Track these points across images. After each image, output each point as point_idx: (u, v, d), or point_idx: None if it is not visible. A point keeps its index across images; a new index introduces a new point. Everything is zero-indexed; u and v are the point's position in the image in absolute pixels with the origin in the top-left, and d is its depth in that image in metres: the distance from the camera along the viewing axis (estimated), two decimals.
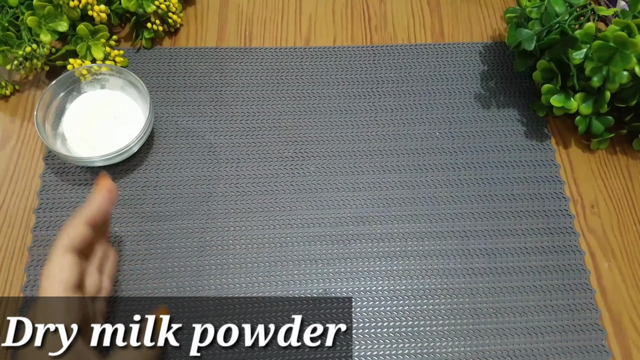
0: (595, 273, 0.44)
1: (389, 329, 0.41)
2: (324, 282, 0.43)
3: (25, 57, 0.47)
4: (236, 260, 0.43)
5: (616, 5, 0.53)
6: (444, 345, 0.40)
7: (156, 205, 0.45)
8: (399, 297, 0.42)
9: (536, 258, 0.44)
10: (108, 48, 0.50)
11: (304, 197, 0.46)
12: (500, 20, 0.57)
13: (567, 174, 0.48)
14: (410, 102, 0.51)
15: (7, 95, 0.50)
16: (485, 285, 0.43)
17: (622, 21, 0.43)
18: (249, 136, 0.49)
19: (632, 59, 0.42)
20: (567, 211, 0.46)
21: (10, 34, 0.47)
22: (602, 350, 0.40)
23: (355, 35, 0.56)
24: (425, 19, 0.57)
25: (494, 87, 0.52)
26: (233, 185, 0.46)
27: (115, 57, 0.50)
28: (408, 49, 0.54)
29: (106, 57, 0.50)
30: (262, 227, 0.45)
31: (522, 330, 0.41)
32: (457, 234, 0.45)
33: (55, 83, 0.46)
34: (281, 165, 0.48)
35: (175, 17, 0.53)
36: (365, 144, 0.49)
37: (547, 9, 0.46)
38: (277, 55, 0.54)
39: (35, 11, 0.47)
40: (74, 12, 0.48)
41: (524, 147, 0.49)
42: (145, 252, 0.43)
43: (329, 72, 0.53)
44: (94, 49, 0.49)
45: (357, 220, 0.45)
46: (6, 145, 0.48)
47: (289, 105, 0.51)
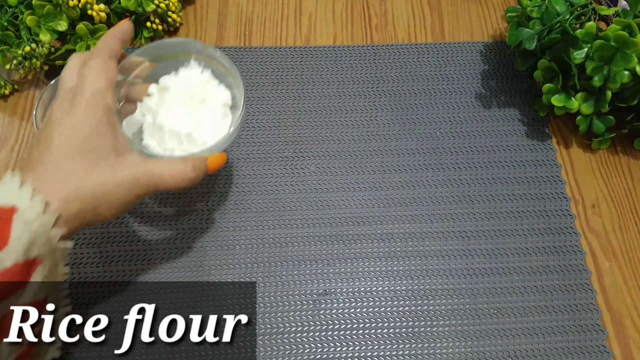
0: (596, 273, 0.44)
1: (389, 330, 0.41)
2: (324, 282, 0.42)
3: (24, 56, 0.47)
4: (236, 260, 0.43)
5: (617, 5, 0.53)
6: (444, 346, 0.40)
7: (155, 206, 0.45)
8: (399, 298, 0.42)
9: (537, 258, 0.44)
10: None
11: (304, 197, 0.46)
12: (501, 19, 0.57)
13: (568, 174, 0.48)
14: (411, 101, 0.51)
15: (6, 95, 0.50)
16: (485, 286, 0.43)
17: (623, 20, 0.43)
18: (249, 136, 0.49)
19: (633, 59, 0.42)
20: (568, 211, 0.46)
21: (9, 33, 0.47)
22: (603, 350, 0.40)
23: (356, 35, 0.55)
24: (425, 19, 0.57)
25: (494, 87, 0.52)
26: (233, 185, 0.46)
27: None
28: (408, 49, 0.54)
29: None
30: (262, 227, 0.45)
31: (522, 330, 0.41)
32: (458, 234, 0.45)
33: (55, 83, 0.46)
34: (281, 165, 0.48)
35: (175, 16, 0.53)
36: (365, 144, 0.49)
37: (548, 8, 0.46)
38: (277, 54, 0.53)
39: (35, 10, 0.47)
40: (73, 12, 0.48)
41: (524, 147, 0.49)
42: (144, 252, 0.43)
43: (329, 71, 0.53)
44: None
45: (357, 220, 0.45)
46: (5, 144, 0.48)
47: (289, 105, 0.51)
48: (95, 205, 0.32)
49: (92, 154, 0.32)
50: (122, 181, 0.32)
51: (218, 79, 0.39)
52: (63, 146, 0.32)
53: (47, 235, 0.30)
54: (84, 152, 0.32)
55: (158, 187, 0.34)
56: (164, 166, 0.34)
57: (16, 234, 0.29)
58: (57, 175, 0.31)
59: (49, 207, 0.30)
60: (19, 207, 0.29)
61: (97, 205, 0.32)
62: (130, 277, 0.42)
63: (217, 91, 0.39)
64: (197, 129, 0.37)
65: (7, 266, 0.28)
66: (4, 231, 0.28)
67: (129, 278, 0.42)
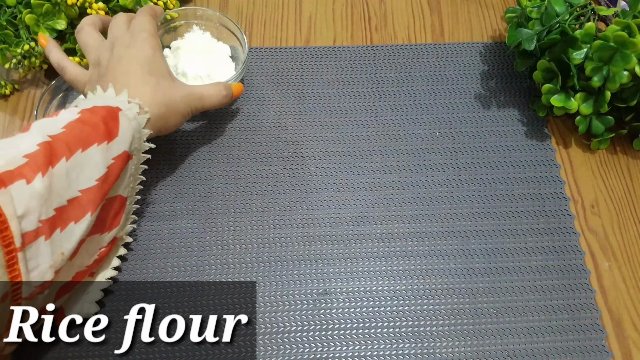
0: (596, 273, 0.44)
1: (389, 329, 0.41)
2: (324, 282, 0.43)
3: (23, 55, 0.47)
4: (236, 260, 0.43)
5: (616, 5, 0.53)
6: (444, 346, 0.40)
7: (155, 205, 0.45)
8: (399, 297, 0.42)
9: (536, 258, 0.44)
10: None
11: (304, 197, 0.46)
12: (501, 20, 0.57)
13: (567, 174, 0.48)
14: (411, 101, 0.51)
15: (6, 95, 0.50)
16: (485, 285, 0.43)
17: (622, 21, 0.43)
18: (249, 136, 0.49)
19: (633, 59, 0.42)
20: (568, 211, 0.46)
21: (8, 33, 0.47)
22: (602, 350, 0.40)
23: (355, 35, 0.56)
24: (425, 19, 0.57)
25: (494, 87, 0.52)
26: (233, 185, 0.46)
27: None
28: (408, 49, 0.54)
29: None
30: (262, 227, 0.45)
31: (522, 330, 0.41)
32: (457, 234, 0.45)
33: (55, 83, 0.46)
34: (281, 165, 0.48)
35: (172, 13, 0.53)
36: (365, 144, 0.49)
37: (548, 8, 0.46)
38: (277, 55, 0.54)
39: (33, 9, 0.47)
40: (72, 10, 0.48)
41: (524, 147, 0.49)
42: (145, 251, 0.43)
43: (329, 72, 0.53)
44: None
45: (357, 220, 0.45)
46: None
47: (289, 106, 0.51)
48: (165, 113, 0.40)
49: (157, 73, 0.40)
50: (182, 95, 0.41)
51: (216, 38, 0.51)
52: (138, 69, 0.40)
53: (141, 133, 0.38)
54: (150, 71, 0.40)
55: (204, 102, 0.43)
56: (205, 87, 0.43)
57: (123, 128, 0.36)
58: (140, 86, 0.39)
59: (142, 109, 0.38)
60: (122, 107, 0.37)
61: (168, 114, 0.40)
62: (130, 277, 0.42)
63: (218, 45, 0.50)
64: (212, 71, 0.48)
65: (119, 152, 0.36)
66: (114, 125, 0.36)
67: (129, 278, 0.42)
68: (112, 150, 0.35)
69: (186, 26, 0.51)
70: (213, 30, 0.51)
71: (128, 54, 0.40)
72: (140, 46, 0.41)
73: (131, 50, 0.40)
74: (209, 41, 0.50)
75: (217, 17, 0.50)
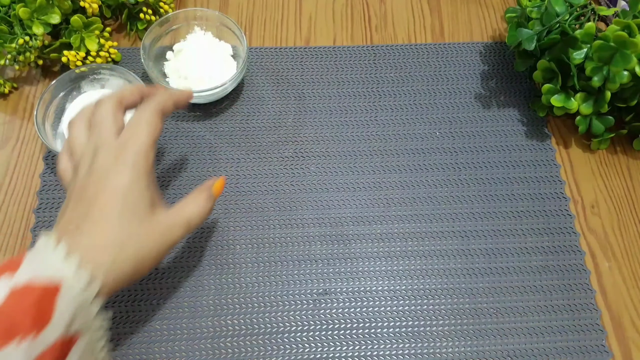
0: (596, 273, 0.44)
1: (389, 329, 0.41)
2: (324, 282, 0.43)
3: (18, 50, 0.47)
4: (236, 260, 0.43)
5: (616, 5, 0.53)
6: (444, 346, 0.40)
7: None
8: (399, 297, 0.42)
9: (536, 258, 0.44)
10: (102, 40, 0.50)
11: (304, 197, 0.46)
12: (501, 20, 0.57)
13: (567, 174, 0.48)
14: (411, 101, 0.51)
15: (5, 94, 0.50)
16: (485, 286, 0.43)
17: (622, 21, 0.43)
18: (248, 136, 0.49)
19: (633, 59, 0.42)
20: (568, 211, 0.46)
21: (3, 28, 0.47)
22: (602, 350, 0.40)
23: (355, 35, 0.56)
24: (425, 19, 0.57)
25: (494, 87, 0.52)
26: (233, 185, 0.46)
27: (109, 49, 0.50)
28: (408, 49, 0.54)
29: (100, 49, 0.50)
30: (262, 227, 0.45)
31: (522, 330, 0.41)
32: (457, 234, 0.45)
33: (55, 83, 0.46)
34: (281, 165, 0.48)
35: (167, 7, 0.53)
36: (365, 144, 0.49)
37: (548, 8, 0.46)
38: (277, 55, 0.54)
39: (27, 4, 0.47)
40: (66, 4, 0.48)
41: (524, 147, 0.49)
42: None
43: (329, 72, 0.53)
44: (87, 40, 0.49)
45: (357, 220, 0.45)
46: (6, 145, 0.48)
47: (289, 105, 0.51)
48: (136, 266, 0.32)
49: (134, 216, 0.32)
50: (161, 233, 0.33)
51: (217, 38, 0.51)
52: (108, 207, 0.31)
53: (88, 309, 0.29)
54: (127, 214, 0.32)
55: (191, 226, 0.35)
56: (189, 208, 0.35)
57: (60, 310, 0.27)
58: (103, 240, 0.31)
59: (94, 281, 0.29)
60: (64, 281, 0.28)
61: (138, 266, 0.32)
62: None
63: (220, 45, 0.51)
64: (214, 72, 0.49)
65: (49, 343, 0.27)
66: (48, 307, 0.27)
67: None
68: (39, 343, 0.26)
69: (187, 27, 0.51)
70: (214, 30, 0.51)
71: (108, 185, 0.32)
72: (125, 175, 0.32)
73: (112, 180, 0.32)
74: (211, 41, 0.51)
75: (217, 17, 0.50)
